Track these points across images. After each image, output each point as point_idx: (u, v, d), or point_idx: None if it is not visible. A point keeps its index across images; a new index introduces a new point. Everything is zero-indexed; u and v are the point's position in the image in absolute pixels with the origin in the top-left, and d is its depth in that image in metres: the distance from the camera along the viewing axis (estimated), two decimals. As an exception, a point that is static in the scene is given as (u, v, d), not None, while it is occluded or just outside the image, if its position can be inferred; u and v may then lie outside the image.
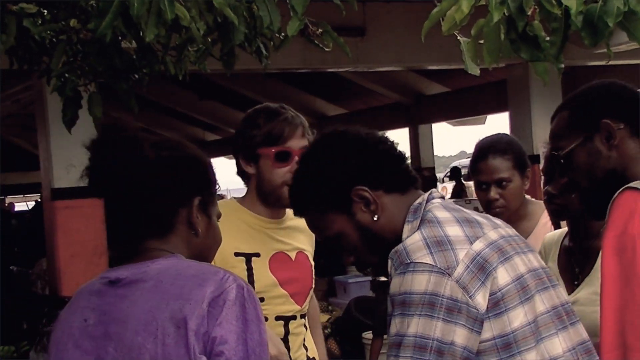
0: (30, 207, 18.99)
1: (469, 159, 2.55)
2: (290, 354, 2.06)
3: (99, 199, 1.40)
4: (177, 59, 2.23)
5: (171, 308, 1.26)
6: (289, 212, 2.15)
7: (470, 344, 1.33)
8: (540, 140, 6.99)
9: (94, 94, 2.16)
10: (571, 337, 1.44)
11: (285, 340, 2.06)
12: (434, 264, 1.34)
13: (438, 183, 14.18)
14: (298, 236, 2.16)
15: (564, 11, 1.57)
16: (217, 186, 1.49)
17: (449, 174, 10.97)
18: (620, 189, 1.49)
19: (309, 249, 2.20)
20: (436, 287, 1.32)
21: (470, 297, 1.33)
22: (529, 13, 1.60)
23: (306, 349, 2.16)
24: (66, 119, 2.17)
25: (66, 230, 5.47)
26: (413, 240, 1.39)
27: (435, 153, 12.46)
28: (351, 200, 1.47)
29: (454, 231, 1.40)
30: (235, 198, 2.20)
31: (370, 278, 6.17)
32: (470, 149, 2.26)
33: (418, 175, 1.57)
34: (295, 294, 2.07)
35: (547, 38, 1.64)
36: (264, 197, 2.07)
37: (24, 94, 7.24)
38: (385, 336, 5.85)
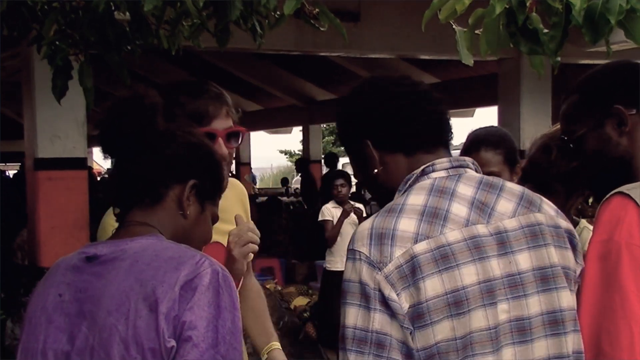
0: (12, 176, 18.86)
1: (457, 151, 2.55)
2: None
3: (82, 171, 1.40)
4: (170, 33, 2.20)
5: (144, 290, 1.24)
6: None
7: (399, 334, 1.30)
8: (528, 136, 7.02)
9: (84, 64, 2.12)
10: (509, 356, 1.34)
11: None
12: (368, 254, 1.32)
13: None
14: (227, 218, 2.08)
15: (565, 6, 1.57)
16: (222, 187, 1.49)
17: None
18: (610, 193, 1.48)
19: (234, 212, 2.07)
20: (366, 278, 1.30)
21: (397, 294, 1.29)
22: (528, 5, 1.59)
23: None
24: (56, 90, 2.14)
25: (48, 201, 5.43)
26: (362, 227, 1.37)
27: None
28: (362, 150, 1.49)
29: (405, 225, 1.34)
30: None
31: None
32: (457, 141, 2.26)
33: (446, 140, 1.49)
34: None
35: (545, 31, 1.63)
36: None
37: (11, 61, 7.15)
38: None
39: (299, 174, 11.58)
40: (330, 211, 5.97)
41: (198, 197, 1.40)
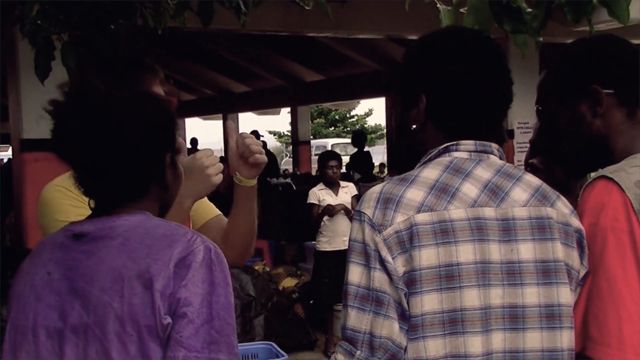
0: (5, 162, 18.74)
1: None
2: None
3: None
4: (155, 11, 2.18)
5: (138, 268, 1.25)
6: None
7: (395, 295, 1.34)
8: (516, 116, 7.03)
9: (67, 43, 2.10)
10: (499, 341, 1.36)
11: None
12: (371, 217, 1.37)
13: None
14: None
15: (548, -16, 1.56)
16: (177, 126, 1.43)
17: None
18: (595, 176, 1.46)
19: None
20: (368, 239, 1.35)
21: (393, 258, 1.34)
22: (512, -16, 1.59)
23: None
24: (39, 70, 2.12)
25: (35, 182, 5.40)
26: (372, 190, 1.42)
27: (410, 124, 12.46)
28: (412, 102, 1.49)
29: (413, 195, 1.37)
30: None
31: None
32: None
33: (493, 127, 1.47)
34: None
35: (529, 10, 1.63)
36: None
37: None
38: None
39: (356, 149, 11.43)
40: (315, 194, 5.98)
41: (173, 163, 1.39)
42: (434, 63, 1.46)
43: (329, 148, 16.25)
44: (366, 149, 11.91)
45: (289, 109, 15.08)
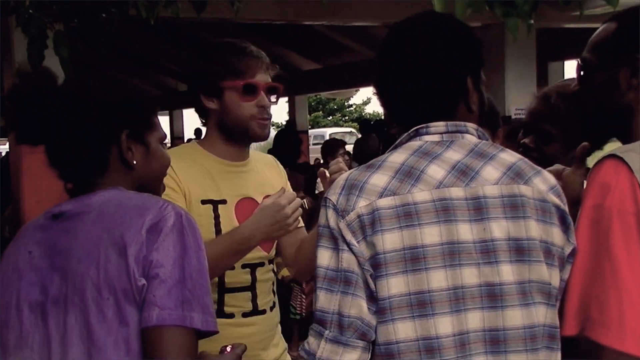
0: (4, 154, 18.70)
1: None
2: (258, 300, 2.06)
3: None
4: (148, 1, 2.18)
5: (112, 236, 1.29)
6: (253, 153, 2.12)
7: (362, 275, 1.35)
8: (512, 103, 7.02)
9: (59, 32, 2.10)
10: (477, 320, 1.36)
11: (252, 287, 2.05)
12: (335, 202, 1.39)
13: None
14: (265, 179, 2.13)
15: (539, -32, 1.55)
16: (151, 110, 1.48)
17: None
18: (604, 156, 1.44)
19: (278, 188, 2.11)
20: (333, 223, 1.38)
21: (357, 242, 1.36)
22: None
23: (274, 294, 2.16)
24: (32, 59, 2.12)
25: (32, 175, 5.40)
26: (340, 177, 1.44)
27: (408, 112, 12.44)
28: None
29: (377, 180, 1.39)
30: (196, 140, 2.12)
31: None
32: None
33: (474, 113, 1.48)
34: (262, 241, 2.02)
35: (521, -6, 1.62)
36: (228, 134, 2.02)
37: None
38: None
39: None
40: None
41: (138, 139, 1.43)
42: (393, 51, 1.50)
43: (327, 138, 16.23)
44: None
45: (286, 99, 15.05)
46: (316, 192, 6.01)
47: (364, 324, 1.35)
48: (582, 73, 1.59)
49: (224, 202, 2.00)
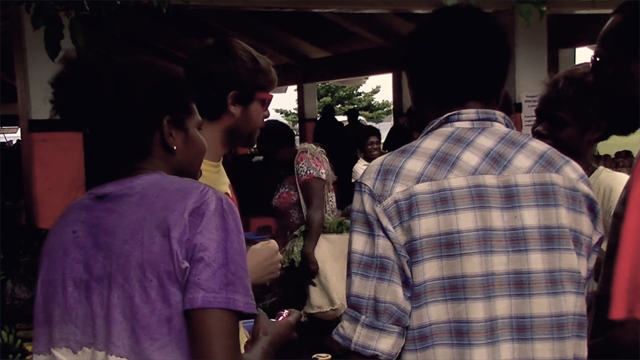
0: (8, 140, 18.79)
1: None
2: None
3: (77, 133, 1.45)
4: (160, -11, 2.18)
5: (156, 218, 1.32)
6: None
7: (398, 261, 1.37)
8: (523, 89, 6.99)
9: (75, 20, 2.10)
10: (504, 307, 1.37)
11: None
12: (371, 187, 1.40)
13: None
14: (224, 171, 2.17)
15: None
16: (189, 94, 1.49)
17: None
18: None
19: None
20: (369, 209, 1.39)
21: (394, 227, 1.37)
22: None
23: None
24: (50, 48, 2.12)
25: (43, 163, 5.43)
26: (374, 163, 1.45)
27: (417, 100, 12.41)
28: None
29: (413, 165, 1.40)
30: None
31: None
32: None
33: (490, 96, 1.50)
34: None
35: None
36: (235, 139, 2.05)
37: (0, 23, 7.07)
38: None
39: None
40: (363, 170, 5.92)
41: (177, 125, 1.45)
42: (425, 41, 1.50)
43: (336, 125, 16.17)
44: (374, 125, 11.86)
45: (295, 87, 15.03)
46: (353, 180, 5.97)
47: (400, 309, 1.36)
48: (595, 67, 1.60)
49: None
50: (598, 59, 1.60)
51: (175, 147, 1.44)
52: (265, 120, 2.08)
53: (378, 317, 1.36)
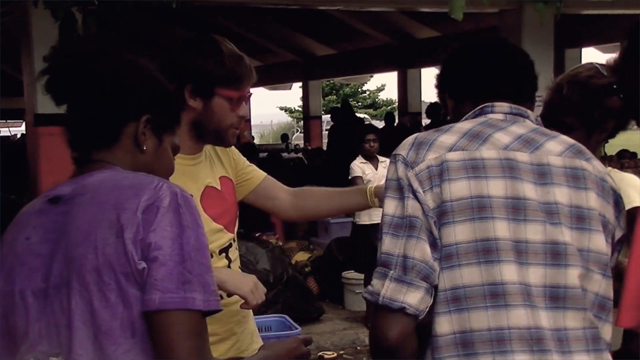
0: (13, 134, 18.83)
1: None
2: None
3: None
4: (168, -16, 2.18)
5: (108, 218, 1.27)
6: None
7: (426, 222, 1.41)
8: (528, 90, 6.97)
9: (88, 15, 2.11)
10: (538, 275, 1.40)
11: (229, 268, 2.07)
12: (405, 156, 1.46)
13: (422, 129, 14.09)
14: (217, 162, 2.13)
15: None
16: (177, 118, 1.48)
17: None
18: None
19: (230, 169, 2.17)
20: (402, 175, 1.45)
21: (424, 191, 1.42)
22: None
23: (241, 269, 2.19)
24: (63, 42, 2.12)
25: (49, 157, 5.43)
26: (408, 138, 1.52)
27: (422, 99, 12.42)
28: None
29: (446, 139, 1.47)
30: None
31: (351, 219, 6.21)
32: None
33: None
34: (227, 225, 2.08)
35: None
36: (200, 134, 2.01)
37: (7, 17, 7.09)
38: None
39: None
40: (359, 167, 5.90)
41: (153, 130, 1.42)
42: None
43: (341, 123, 16.17)
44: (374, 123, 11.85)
45: (300, 84, 15.04)
46: (352, 175, 5.93)
47: (428, 266, 1.39)
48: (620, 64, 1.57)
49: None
50: (620, 78, 1.59)
51: (145, 148, 1.40)
52: (243, 118, 2.01)
53: (406, 272, 1.39)
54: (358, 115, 13.75)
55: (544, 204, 1.42)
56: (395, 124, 11.68)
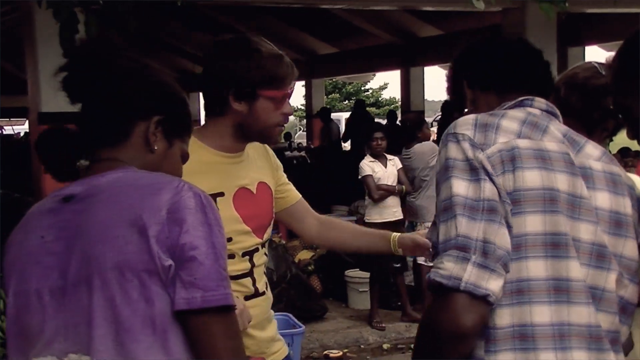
0: (16, 132, 18.85)
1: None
2: (257, 284, 2.09)
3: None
4: (173, -17, 2.18)
5: (129, 217, 1.28)
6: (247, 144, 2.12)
7: (502, 208, 1.37)
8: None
9: (90, 16, 2.11)
10: (593, 276, 1.40)
11: (251, 272, 2.07)
12: (472, 137, 1.41)
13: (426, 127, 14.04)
14: (257, 168, 2.15)
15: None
16: (188, 127, 1.49)
17: (439, 117, 10.73)
18: None
19: (270, 179, 2.18)
20: (471, 155, 1.39)
21: (497, 175, 1.38)
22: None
23: (265, 275, 2.19)
24: (64, 45, 2.13)
25: (53, 156, 5.43)
26: (465, 117, 1.47)
27: (425, 97, 12.40)
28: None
29: (508, 124, 1.45)
30: (193, 133, 2.09)
31: (355, 219, 6.22)
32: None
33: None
34: (256, 229, 2.08)
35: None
36: (246, 135, 2.03)
37: (10, 15, 7.10)
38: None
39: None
40: (369, 166, 5.91)
41: (164, 133, 1.43)
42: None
43: (343, 122, 16.20)
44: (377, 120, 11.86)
45: (303, 82, 15.03)
46: (362, 174, 5.92)
47: (508, 254, 1.35)
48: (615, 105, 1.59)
49: (221, 194, 2.00)
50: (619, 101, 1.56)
51: (155, 148, 1.41)
52: (288, 115, 2.05)
53: (487, 258, 1.33)
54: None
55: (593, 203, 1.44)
56: (397, 122, 11.66)
